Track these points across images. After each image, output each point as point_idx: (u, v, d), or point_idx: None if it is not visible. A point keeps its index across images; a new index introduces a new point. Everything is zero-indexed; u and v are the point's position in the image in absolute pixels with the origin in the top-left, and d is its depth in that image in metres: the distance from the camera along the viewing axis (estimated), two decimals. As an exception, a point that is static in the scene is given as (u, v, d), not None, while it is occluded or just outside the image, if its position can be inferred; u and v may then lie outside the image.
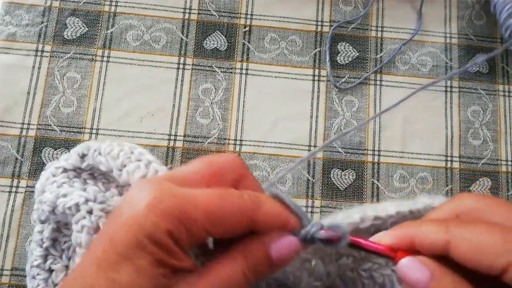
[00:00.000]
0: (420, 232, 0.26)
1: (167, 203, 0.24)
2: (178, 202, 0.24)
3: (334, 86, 0.52)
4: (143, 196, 0.24)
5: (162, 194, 0.24)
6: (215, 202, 0.25)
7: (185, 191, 0.25)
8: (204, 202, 0.24)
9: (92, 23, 0.52)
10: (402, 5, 0.55)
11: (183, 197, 0.24)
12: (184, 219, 0.24)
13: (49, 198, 0.31)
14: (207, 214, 0.24)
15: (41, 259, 0.34)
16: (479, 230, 0.24)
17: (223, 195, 0.25)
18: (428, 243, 0.25)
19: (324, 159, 0.50)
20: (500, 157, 0.51)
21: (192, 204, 0.24)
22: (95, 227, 0.29)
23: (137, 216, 0.23)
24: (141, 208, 0.24)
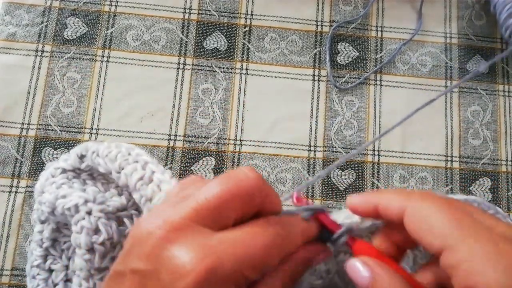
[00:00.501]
0: (383, 199, 0.27)
1: (215, 266, 0.22)
2: (225, 262, 0.22)
3: (334, 86, 0.52)
4: (184, 260, 0.22)
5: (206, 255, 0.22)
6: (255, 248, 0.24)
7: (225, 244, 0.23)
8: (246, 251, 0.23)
9: (92, 23, 0.52)
10: (402, 5, 0.55)
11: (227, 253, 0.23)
12: (233, 278, 0.23)
13: (49, 199, 0.31)
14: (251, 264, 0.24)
15: (41, 259, 0.35)
16: (432, 204, 0.24)
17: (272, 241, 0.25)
18: (389, 210, 0.26)
19: (324, 159, 0.50)
20: (500, 157, 0.51)
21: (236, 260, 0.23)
22: (94, 228, 0.29)
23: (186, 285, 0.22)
24: (188, 277, 0.22)
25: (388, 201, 0.26)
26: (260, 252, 0.24)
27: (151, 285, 0.22)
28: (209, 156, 0.49)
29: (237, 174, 0.26)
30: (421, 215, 0.24)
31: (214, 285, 0.22)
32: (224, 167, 0.49)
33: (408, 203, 0.25)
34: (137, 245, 0.24)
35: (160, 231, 0.23)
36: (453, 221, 0.23)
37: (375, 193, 0.28)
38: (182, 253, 0.22)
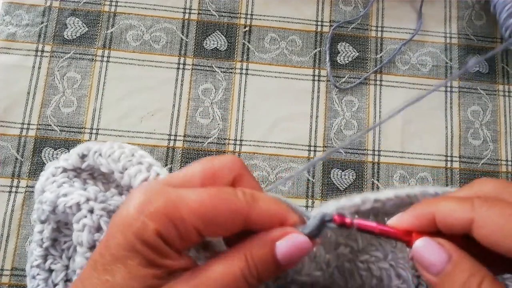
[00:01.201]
0: (442, 209, 0.25)
1: (156, 203, 0.23)
2: (167, 202, 0.24)
3: (334, 86, 0.52)
4: (136, 198, 0.24)
5: (152, 196, 0.24)
6: (206, 202, 0.24)
7: (176, 192, 0.24)
8: (194, 201, 0.24)
9: (92, 23, 0.52)
10: (402, 5, 0.55)
11: (172, 197, 0.24)
12: (173, 219, 0.23)
13: (50, 197, 0.31)
14: (197, 213, 0.24)
15: (41, 259, 0.35)
16: (506, 211, 0.23)
17: (215, 193, 0.25)
18: (451, 221, 0.24)
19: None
20: (500, 157, 0.51)
21: (181, 203, 0.24)
22: (96, 226, 0.29)
23: (127, 218, 0.23)
24: (131, 209, 0.24)
25: (448, 212, 0.24)
26: (210, 207, 0.24)
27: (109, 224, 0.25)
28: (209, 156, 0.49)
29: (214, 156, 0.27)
30: (496, 224, 0.23)
31: (152, 219, 0.23)
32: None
33: (474, 213, 0.24)
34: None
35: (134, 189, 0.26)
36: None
37: (427, 205, 0.26)
38: (137, 193, 0.24)
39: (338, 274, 0.31)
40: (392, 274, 0.31)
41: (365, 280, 0.31)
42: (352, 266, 0.31)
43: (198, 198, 0.24)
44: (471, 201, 0.24)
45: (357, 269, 0.31)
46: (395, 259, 0.31)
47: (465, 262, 0.23)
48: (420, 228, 0.25)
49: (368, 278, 0.31)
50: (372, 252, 0.31)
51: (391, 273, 0.31)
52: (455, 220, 0.24)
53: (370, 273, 0.31)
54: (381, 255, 0.31)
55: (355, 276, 0.31)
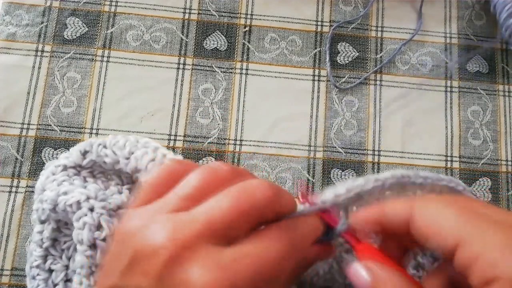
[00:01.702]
0: (386, 210, 0.26)
1: (229, 282, 0.22)
2: (237, 279, 0.22)
3: (334, 86, 0.52)
4: (200, 284, 0.21)
5: (219, 273, 0.22)
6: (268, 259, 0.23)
7: (237, 259, 0.23)
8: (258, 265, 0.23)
9: (92, 23, 0.52)
10: (402, 5, 0.55)
11: (239, 270, 0.22)
12: None
13: (50, 196, 0.31)
14: (263, 276, 0.23)
15: (41, 259, 0.35)
16: (437, 205, 0.24)
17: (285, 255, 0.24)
18: (393, 219, 0.25)
19: (324, 159, 0.50)
20: (500, 157, 0.51)
21: (248, 275, 0.22)
22: (96, 224, 0.30)
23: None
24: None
25: (391, 210, 0.26)
26: (275, 264, 0.23)
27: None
28: (209, 156, 0.49)
29: (250, 189, 0.25)
30: (429, 217, 0.23)
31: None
32: (224, 167, 0.49)
33: (413, 208, 0.24)
34: (141, 262, 0.23)
35: (169, 250, 0.22)
36: (462, 216, 0.22)
37: (376, 206, 0.27)
38: (194, 274, 0.22)
39: (336, 266, 0.31)
40: None
41: None
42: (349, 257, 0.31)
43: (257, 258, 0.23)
44: (412, 200, 0.25)
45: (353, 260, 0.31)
46: None
47: (388, 283, 0.24)
48: (368, 229, 0.27)
49: None
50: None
51: None
52: (397, 217, 0.25)
53: None
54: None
55: None
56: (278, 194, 0.26)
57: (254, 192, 0.25)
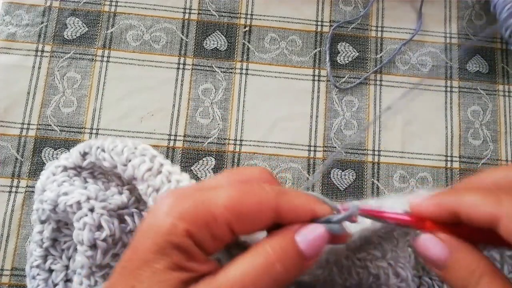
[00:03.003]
0: (467, 202, 0.24)
1: (185, 203, 0.23)
2: (197, 202, 0.23)
3: (334, 86, 0.52)
4: (164, 202, 0.23)
5: (181, 197, 0.23)
6: (236, 196, 0.23)
7: (205, 192, 0.24)
8: (224, 198, 0.23)
9: (92, 23, 0.52)
10: (402, 5, 0.55)
11: (202, 197, 0.23)
12: (204, 217, 0.22)
13: (50, 196, 0.31)
14: (228, 209, 0.23)
15: (41, 259, 0.35)
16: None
17: (244, 189, 0.24)
18: (475, 216, 0.23)
19: (324, 159, 0.50)
20: (500, 157, 0.51)
21: (211, 202, 0.23)
22: (97, 225, 0.30)
23: (156, 221, 0.23)
24: (160, 212, 0.23)
25: (473, 206, 0.24)
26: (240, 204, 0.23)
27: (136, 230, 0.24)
28: (209, 156, 0.49)
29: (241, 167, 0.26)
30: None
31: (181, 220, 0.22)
32: (224, 167, 0.49)
33: (501, 208, 0.23)
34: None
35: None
36: None
37: (451, 195, 0.25)
38: (165, 199, 0.24)
39: (336, 271, 0.31)
40: (390, 272, 0.31)
41: (361, 277, 0.31)
42: (349, 263, 0.31)
43: (226, 193, 0.23)
44: (497, 196, 0.23)
45: (354, 266, 0.31)
46: (394, 258, 0.31)
47: (466, 258, 0.23)
48: (439, 217, 0.25)
49: (365, 275, 0.31)
50: (370, 250, 0.31)
51: (389, 271, 0.31)
52: (480, 215, 0.23)
53: (367, 271, 0.31)
54: (379, 253, 0.31)
55: (352, 273, 0.31)
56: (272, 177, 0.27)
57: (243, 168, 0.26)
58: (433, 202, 0.25)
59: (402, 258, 0.31)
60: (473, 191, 0.24)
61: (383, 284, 0.31)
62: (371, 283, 0.31)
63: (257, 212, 0.24)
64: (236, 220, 0.23)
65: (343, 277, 0.31)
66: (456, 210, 0.24)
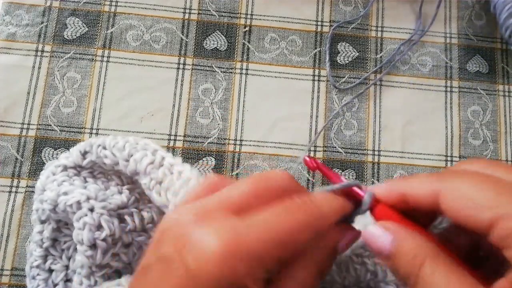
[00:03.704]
0: (411, 184, 0.25)
1: (240, 247, 0.21)
2: (250, 242, 0.22)
3: (334, 86, 0.52)
4: (206, 240, 0.22)
5: (231, 236, 0.22)
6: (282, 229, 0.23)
7: (251, 226, 0.23)
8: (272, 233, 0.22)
9: (92, 23, 0.52)
10: (402, 5, 0.55)
11: (252, 235, 0.22)
12: (259, 259, 0.22)
13: (50, 196, 0.32)
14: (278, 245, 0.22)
15: (41, 259, 0.35)
16: (470, 181, 0.23)
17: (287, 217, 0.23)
18: (418, 194, 0.24)
19: (324, 159, 0.50)
20: (500, 157, 0.51)
21: (261, 240, 0.22)
22: (97, 224, 0.30)
23: (211, 268, 0.21)
24: (211, 257, 0.21)
25: (417, 186, 0.24)
26: (288, 232, 0.23)
27: (175, 269, 0.22)
28: (209, 156, 0.49)
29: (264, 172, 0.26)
30: (461, 194, 0.22)
31: (239, 264, 0.21)
32: (224, 167, 0.49)
33: (441, 184, 0.23)
34: (165, 233, 0.24)
35: (188, 216, 0.23)
36: (496, 190, 0.22)
37: (399, 181, 0.26)
38: (208, 235, 0.22)
39: (335, 268, 0.31)
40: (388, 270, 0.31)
41: (359, 274, 0.31)
42: (347, 259, 0.31)
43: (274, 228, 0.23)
44: (439, 175, 0.24)
45: (352, 263, 0.31)
46: None
47: (408, 243, 0.23)
48: (390, 201, 0.25)
49: (362, 272, 0.31)
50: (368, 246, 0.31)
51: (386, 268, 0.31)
52: (422, 192, 0.24)
53: (364, 267, 0.31)
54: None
55: (350, 270, 0.31)
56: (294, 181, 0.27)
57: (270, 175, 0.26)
58: (384, 186, 0.26)
59: None
60: (419, 175, 0.25)
61: (381, 281, 0.31)
62: (369, 280, 0.31)
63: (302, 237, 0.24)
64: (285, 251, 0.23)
65: (342, 275, 0.31)
66: (403, 193, 0.25)
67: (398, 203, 0.25)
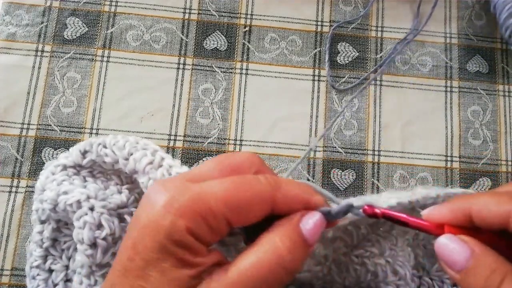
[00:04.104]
0: (478, 203, 0.24)
1: (183, 199, 0.23)
2: (194, 196, 0.23)
3: (332, 87, 0.52)
4: (159, 197, 0.23)
5: (177, 192, 0.23)
6: (232, 189, 0.23)
7: (200, 185, 0.24)
8: (220, 192, 0.23)
9: (92, 23, 0.52)
10: (402, 5, 0.55)
11: (198, 191, 0.23)
12: (202, 213, 0.23)
13: (50, 196, 0.32)
14: (225, 203, 0.23)
15: (41, 259, 0.35)
16: None
17: (239, 181, 0.24)
18: (487, 215, 0.24)
19: (324, 159, 0.50)
20: (500, 157, 0.51)
21: (208, 196, 0.23)
22: (97, 224, 0.30)
23: (154, 218, 0.23)
24: (157, 209, 0.23)
25: (485, 206, 0.24)
26: (219, 189, 0.24)
27: (134, 224, 0.24)
28: (209, 156, 0.49)
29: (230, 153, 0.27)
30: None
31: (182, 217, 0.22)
32: (224, 167, 0.49)
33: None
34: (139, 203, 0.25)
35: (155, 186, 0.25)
36: None
37: (463, 200, 0.25)
38: (159, 193, 0.24)
39: (335, 269, 0.31)
40: (388, 270, 0.31)
41: (359, 274, 0.31)
42: (347, 260, 0.31)
43: (222, 186, 0.24)
44: (508, 194, 0.23)
45: (352, 263, 0.31)
46: (393, 256, 0.31)
47: (488, 258, 0.23)
48: (455, 222, 0.25)
49: (362, 272, 0.31)
50: (368, 247, 0.31)
51: (387, 269, 0.31)
52: (491, 214, 0.23)
53: (365, 268, 0.31)
54: (377, 251, 0.31)
55: (350, 271, 0.31)
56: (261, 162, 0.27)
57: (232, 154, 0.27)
58: (446, 207, 0.25)
59: (400, 256, 0.31)
60: (484, 194, 0.25)
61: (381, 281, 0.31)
62: (370, 281, 0.31)
63: (254, 205, 0.24)
64: (233, 213, 0.23)
65: (342, 276, 0.31)
66: (469, 212, 0.24)
67: (463, 223, 0.25)
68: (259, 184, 0.25)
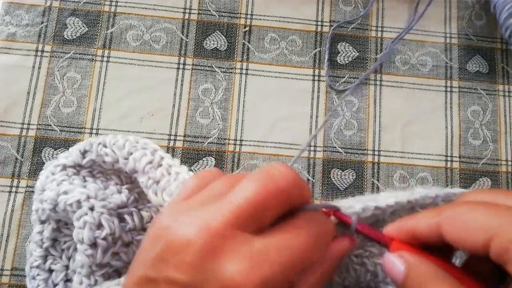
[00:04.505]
0: (416, 220, 0.26)
1: (272, 280, 0.22)
2: (281, 273, 0.23)
3: (330, 87, 0.52)
4: (236, 275, 0.22)
5: (259, 267, 0.22)
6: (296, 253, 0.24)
7: (275, 253, 0.23)
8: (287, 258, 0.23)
9: (92, 23, 0.52)
10: (402, 5, 0.55)
11: (279, 263, 0.23)
12: (286, 284, 0.23)
13: (50, 196, 0.32)
14: (303, 266, 0.24)
15: (41, 259, 0.35)
16: (464, 208, 0.24)
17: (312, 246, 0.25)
18: (423, 230, 0.25)
19: (324, 159, 0.50)
20: (500, 157, 0.51)
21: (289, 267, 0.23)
22: (97, 223, 0.30)
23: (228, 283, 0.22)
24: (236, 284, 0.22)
25: (421, 221, 0.26)
26: (302, 255, 0.24)
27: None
28: (209, 156, 0.49)
29: (272, 171, 0.25)
30: (458, 221, 0.24)
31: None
32: (224, 167, 0.49)
33: (441, 214, 0.25)
34: (174, 253, 0.23)
35: (202, 240, 0.22)
36: (488, 213, 0.23)
37: (406, 218, 0.27)
38: (229, 265, 0.22)
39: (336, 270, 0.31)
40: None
41: (359, 274, 0.31)
42: (346, 260, 0.31)
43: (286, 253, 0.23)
44: (438, 209, 0.25)
45: (351, 263, 0.31)
46: None
47: (420, 268, 0.24)
48: (402, 239, 0.27)
49: (362, 272, 0.31)
50: (367, 247, 0.31)
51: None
52: (426, 228, 0.25)
53: (364, 268, 0.31)
54: (377, 250, 0.31)
55: (349, 270, 0.31)
56: (299, 177, 0.26)
57: (275, 174, 0.25)
58: (395, 225, 0.27)
59: None
60: (423, 211, 0.27)
61: (381, 281, 0.31)
62: (369, 281, 0.31)
63: None
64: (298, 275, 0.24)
65: (342, 276, 0.31)
66: (411, 229, 0.26)
67: (410, 240, 0.26)
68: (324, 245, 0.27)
